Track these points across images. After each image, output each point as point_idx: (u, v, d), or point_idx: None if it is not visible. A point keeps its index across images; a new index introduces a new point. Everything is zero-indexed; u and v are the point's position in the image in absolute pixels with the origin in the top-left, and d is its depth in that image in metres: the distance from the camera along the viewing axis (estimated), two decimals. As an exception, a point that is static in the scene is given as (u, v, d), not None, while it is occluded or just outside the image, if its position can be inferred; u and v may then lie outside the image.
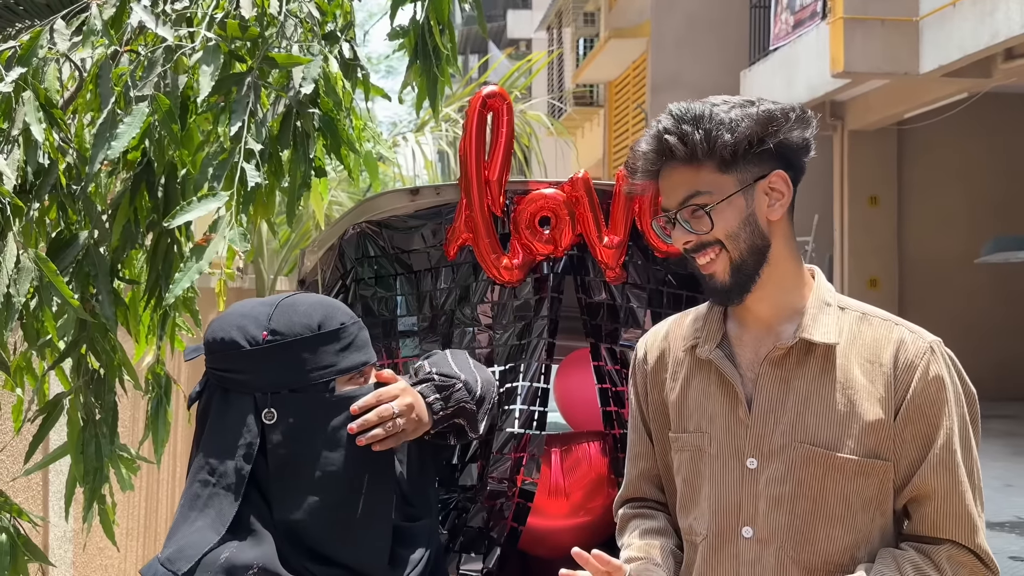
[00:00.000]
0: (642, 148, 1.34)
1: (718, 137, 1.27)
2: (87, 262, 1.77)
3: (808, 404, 1.30)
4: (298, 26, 1.80)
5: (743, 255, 1.30)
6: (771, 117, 1.29)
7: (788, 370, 1.32)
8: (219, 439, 1.22)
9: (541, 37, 20.75)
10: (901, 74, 8.13)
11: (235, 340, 1.22)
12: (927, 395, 1.29)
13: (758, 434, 1.32)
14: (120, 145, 1.59)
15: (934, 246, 10.54)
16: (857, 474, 1.28)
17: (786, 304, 1.34)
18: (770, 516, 1.30)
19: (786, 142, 1.30)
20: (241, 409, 1.21)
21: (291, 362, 1.21)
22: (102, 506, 1.91)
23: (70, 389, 1.87)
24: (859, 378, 1.30)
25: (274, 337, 1.20)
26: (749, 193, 1.30)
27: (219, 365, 1.24)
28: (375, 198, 1.94)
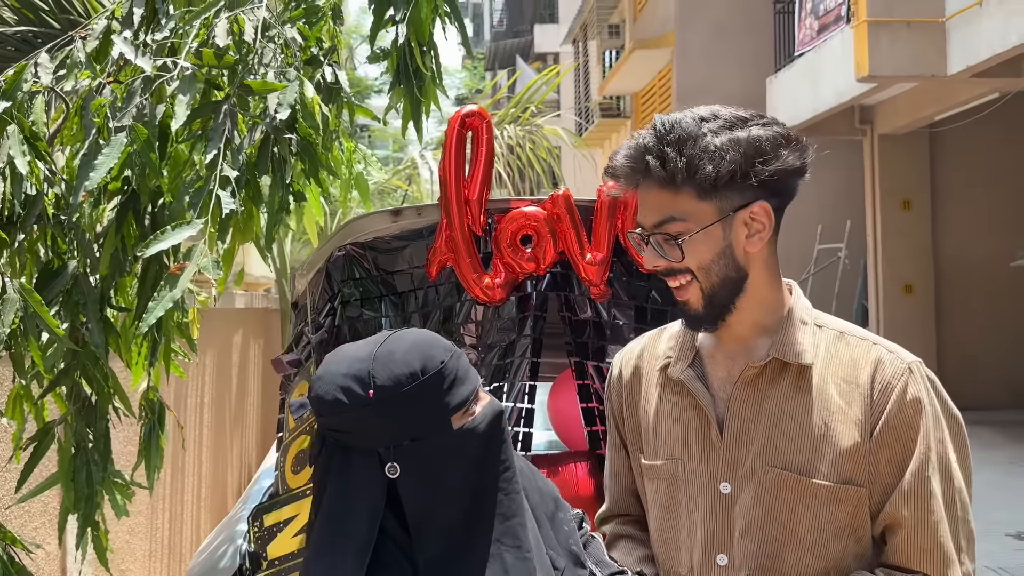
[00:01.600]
0: (619, 160, 1.27)
1: (699, 167, 1.20)
2: (76, 291, 1.79)
3: (780, 426, 1.25)
4: (278, 52, 1.82)
5: (715, 287, 1.25)
6: (759, 149, 1.21)
7: (761, 390, 1.27)
8: (345, 499, 1.17)
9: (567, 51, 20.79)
10: (929, 76, 7.98)
11: (342, 401, 1.17)
12: (903, 417, 1.22)
13: (731, 458, 1.26)
14: (98, 175, 1.61)
15: (970, 249, 10.31)
16: (830, 500, 1.22)
17: (763, 323, 1.29)
18: (741, 543, 1.25)
19: (773, 175, 1.22)
20: (364, 467, 1.18)
21: (403, 414, 1.17)
22: (95, 533, 1.93)
23: (61, 417, 1.89)
24: (835, 399, 1.24)
25: (380, 394, 1.16)
26: (728, 224, 1.23)
27: (332, 426, 1.19)
28: (358, 220, 1.95)
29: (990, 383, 9.93)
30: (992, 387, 9.91)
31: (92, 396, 1.90)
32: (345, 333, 1.95)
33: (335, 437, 1.20)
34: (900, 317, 10.22)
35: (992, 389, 9.91)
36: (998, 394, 9.86)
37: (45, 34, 3.04)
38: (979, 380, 9.95)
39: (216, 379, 5.60)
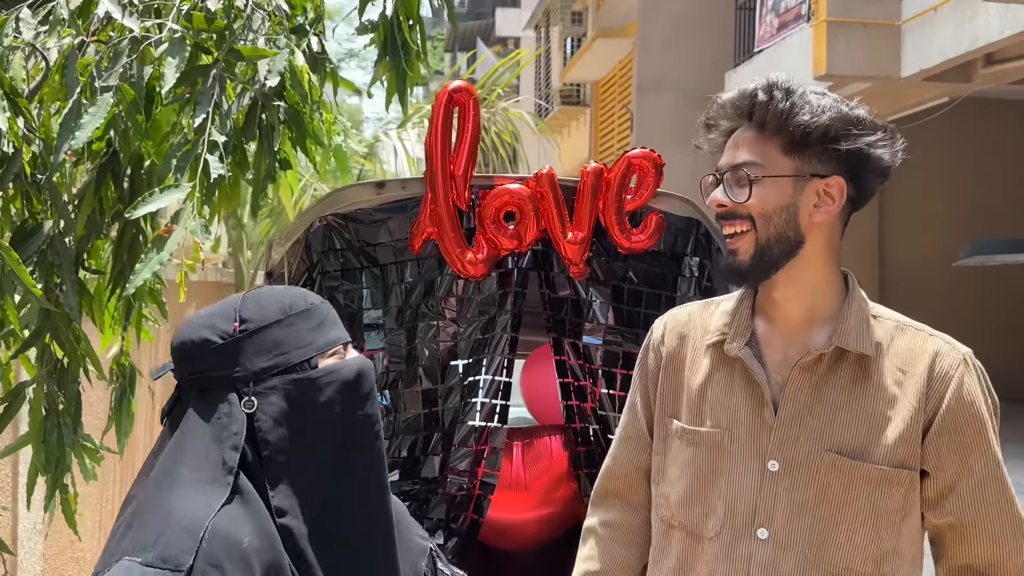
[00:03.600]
0: (727, 98, 1.30)
1: (798, 113, 1.23)
2: (51, 251, 1.77)
3: (837, 413, 1.28)
4: (266, 19, 1.81)
5: (770, 240, 1.26)
6: (857, 120, 1.25)
7: (819, 376, 1.29)
8: (199, 436, 1.14)
9: (529, 36, 20.76)
10: (883, 78, 8.18)
11: (206, 338, 1.16)
12: (961, 407, 1.27)
13: (782, 438, 1.29)
14: (84, 135, 1.59)
15: (914, 249, 10.62)
16: (882, 483, 1.26)
17: (819, 308, 1.31)
18: (792, 521, 1.28)
19: (860, 152, 1.26)
20: (223, 403, 1.15)
21: (268, 347, 1.16)
22: (64, 496, 1.91)
23: (33, 378, 1.86)
24: (891, 388, 1.28)
25: (246, 325, 1.16)
26: (801, 184, 1.26)
27: (194, 368, 1.18)
28: (341, 191, 1.95)
29: (928, 378, 10.26)
30: (929, 382, 10.25)
31: (64, 359, 1.88)
32: (324, 304, 1.96)
33: (195, 381, 1.18)
34: (845, 312, 10.48)
35: (929, 384, 10.24)
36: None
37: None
38: (917, 375, 10.29)
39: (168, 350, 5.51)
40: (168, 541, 1.04)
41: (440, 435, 1.85)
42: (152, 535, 1.06)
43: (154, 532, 1.06)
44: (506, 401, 1.80)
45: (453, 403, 1.85)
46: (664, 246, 1.88)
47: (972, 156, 10.65)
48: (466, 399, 1.81)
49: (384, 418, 1.94)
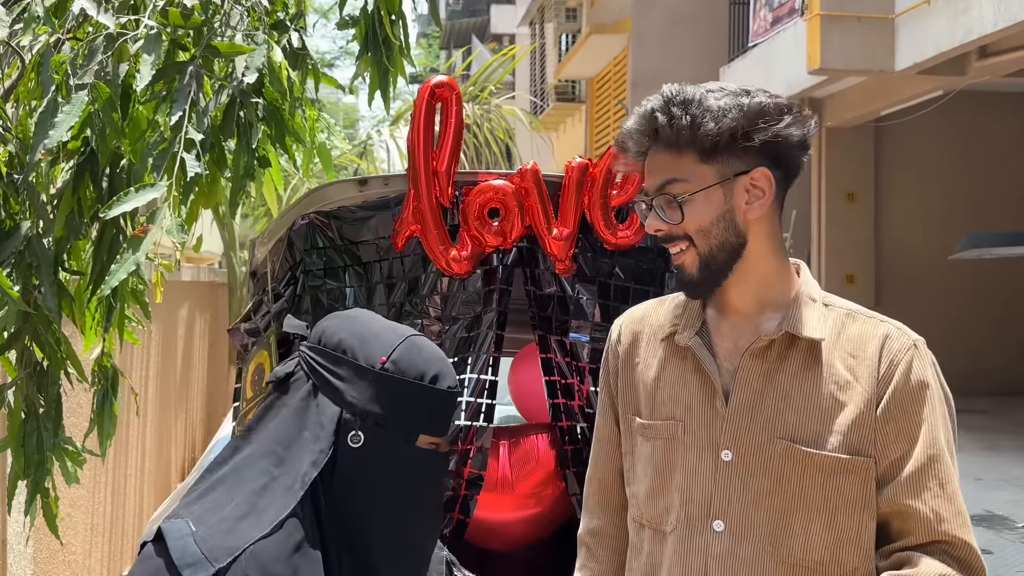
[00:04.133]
0: (629, 125, 1.30)
1: (702, 124, 1.23)
2: (29, 252, 1.74)
3: (789, 400, 1.27)
4: (244, 15, 1.78)
5: (712, 251, 1.27)
6: (762, 111, 1.24)
7: (769, 363, 1.28)
8: (294, 433, 1.14)
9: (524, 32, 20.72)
10: (877, 71, 8.17)
11: (353, 350, 1.16)
12: (908, 391, 1.25)
13: (734, 427, 1.28)
14: (58, 134, 1.57)
15: (910, 242, 10.61)
16: (838, 471, 1.25)
17: (768, 297, 1.31)
18: (747, 512, 1.27)
19: (775, 139, 1.25)
20: (326, 415, 1.15)
21: (395, 399, 1.16)
22: (45, 500, 1.89)
23: (12, 381, 1.84)
24: (842, 373, 1.27)
25: (391, 368, 1.15)
26: (729, 187, 1.26)
27: (325, 362, 1.17)
28: (323, 188, 1.93)
29: (924, 372, 10.26)
30: (926, 376, 10.25)
31: (44, 361, 1.85)
32: (307, 303, 1.94)
33: (316, 372, 1.17)
34: (841, 306, 10.48)
35: (926, 378, 10.24)
36: (932, 383, 10.20)
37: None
38: (914, 369, 10.28)
39: (161, 352, 5.49)
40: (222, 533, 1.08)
41: (425, 435, 1.83)
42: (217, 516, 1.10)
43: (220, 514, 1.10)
44: (492, 400, 1.77)
45: (438, 402, 1.83)
46: (651, 241, 1.85)
47: (967, 149, 10.64)
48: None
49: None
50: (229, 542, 1.07)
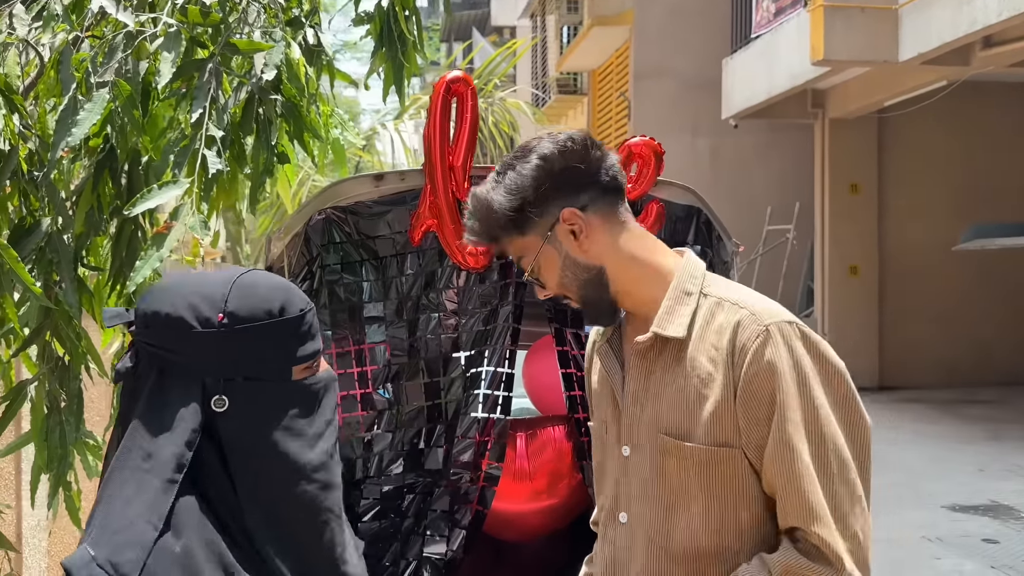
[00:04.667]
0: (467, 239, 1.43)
1: (492, 221, 1.34)
2: (50, 249, 1.76)
3: (663, 395, 1.32)
4: (261, 12, 1.80)
5: (581, 293, 1.36)
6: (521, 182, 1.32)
7: (651, 361, 1.35)
8: (156, 422, 1.08)
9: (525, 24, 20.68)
10: (880, 62, 8.15)
11: (184, 319, 1.08)
12: (759, 379, 1.25)
13: (628, 423, 1.36)
14: (80, 131, 1.58)
15: (914, 234, 10.61)
16: (709, 463, 1.28)
17: (649, 299, 1.35)
18: (640, 504, 1.34)
19: (550, 191, 1.32)
20: (183, 393, 1.09)
21: (248, 348, 1.10)
22: (68, 493, 1.91)
23: (34, 376, 1.86)
24: (705, 366, 1.30)
25: (232, 321, 1.09)
26: (553, 241, 1.34)
27: (159, 343, 1.10)
28: (340, 183, 1.94)
29: (929, 362, 10.28)
30: (931, 367, 10.27)
31: (65, 356, 1.87)
32: (324, 297, 1.96)
33: (156, 356, 1.10)
34: (845, 298, 10.49)
35: (931, 368, 10.26)
36: (937, 373, 10.22)
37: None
38: (919, 360, 10.30)
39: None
40: (119, 546, 1.03)
41: (443, 427, 1.85)
42: (108, 531, 1.04)
43: (110, 528, 1.05)
44: (509, 392, 1.79)
45: (455, 395, 1.85)
46: (665, 235, 1.87)
47: (971, 140, 10.63)
48: (469, 391, 1.81)
49: (387, 411, 1.94)
50: (129, 555, 1.02)
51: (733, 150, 12.02)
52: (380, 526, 1.85)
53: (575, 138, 1.34)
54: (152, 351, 1.10)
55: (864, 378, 10.32)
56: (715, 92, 11.00)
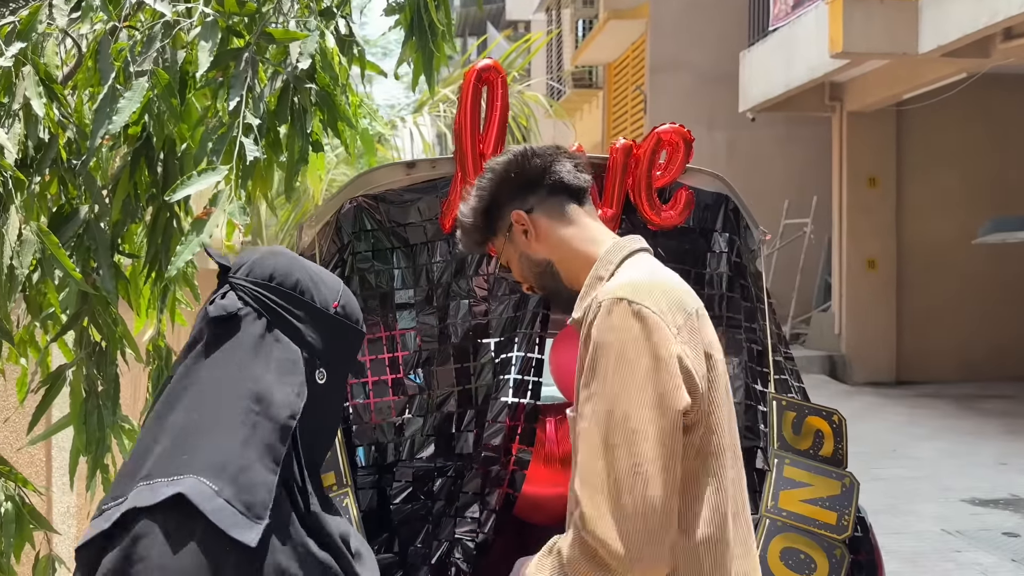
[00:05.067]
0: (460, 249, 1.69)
1: (467, 228, 1.56)
2: (88, 236, 1.80)
3: (572, 372, 1.47)
4: (295, 1, 1.82)
5: (539, 284, 1.55)
6: (480, 195, 1.54)
7: (577, 343, 1.46)
8: (265, 369, 1.10)
9: (540, 18, 20.66)
10: (900, 54, 8.11)
11: (311, 292, 1.17)
12: (584, 349, 1.36)
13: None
14: (121, 120, 1.61)
15: (932, 227, 10.55)
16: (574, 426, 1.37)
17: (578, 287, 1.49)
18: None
19: (498, 197, 1.53)
20: (290, 353, 1.13)
21: (341, 341, 1.20)
22: (105, 476, 1.95)
23: (72, 361, 1.90)
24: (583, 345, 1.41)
25: (342, 313, 1.19)
26: (510, 240, 1.54)
27: (282, 302, 1.15)
28: (371, 172, 1.97)
29: (947, 357, 10.23)
30: (948, 361, 10.22)
31: (102, 342, 1.91)
32: (355, 284, 1.98)
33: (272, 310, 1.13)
34: (863, 292, 10.45)
35: (948, 363, 10.21)
36: (954, 368, 10.17)
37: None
38: (936, 354, 10.25)
39: (190, 338, 5.56)
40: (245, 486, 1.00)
41: (473, 412, 1.87)
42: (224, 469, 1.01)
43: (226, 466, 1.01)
44: (539, 378, 1.82)
45: (485, 380, 1.88)
46: (693, 222, 1.89)
47: (990, 133, 10.55)
48: (498, 376, 1.83)
49: (418, 396, 1.97)
50: (261, 496, 1.01)
51: (750, 143, 11.98)
52: (412, 508, 1.88)
53: (518, 152, 1.54)
54: (268, 306, 1.14)
55: (882, 372, 10.28)
56: (731, 85, 10.97)
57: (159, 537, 0.96)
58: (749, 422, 1.86)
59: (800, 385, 1.97)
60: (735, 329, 1.86)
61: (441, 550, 1.80)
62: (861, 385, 10.04)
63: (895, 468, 6.58)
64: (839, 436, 1.84)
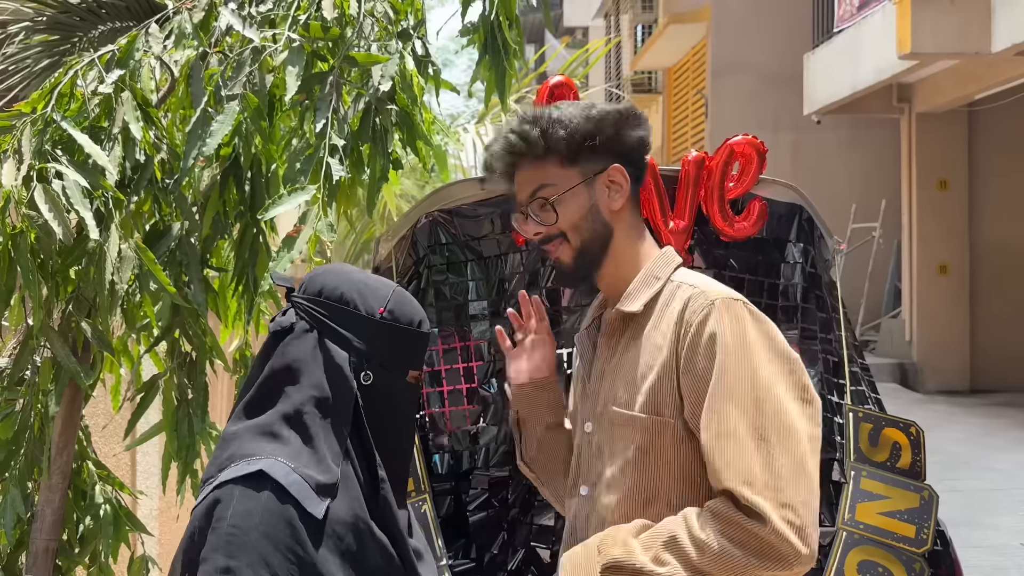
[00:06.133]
0: (492, 148, 1.49)
1: (553, 133, 1.41)
2: (180, 251, 1.89)
3: (620, 369, 1.42)
4: (374, 25, 1.89)
5: (585, 243, 1.43)
6: (604, 116, 1.43)
7: (616, 339, 1.46)
8: (319, 376, 1.26)
9: (598, 24, 20.66)
10: (972, 54, 7.90)
11: (355, 302, 1.29)
12: (699, 347, 1.33)
13: (592, 400, 1.46)
14: (214, 142, 1.70)
15: (1007, 230, 10.22)
16: (640, 430, 1.37)
17: (623, 279, 1.46)
18: (596, 473, 1.43)
19: (620, 139, 1.43)
20: (339, 359, 1.27)
21: (393, 343, 1.31)
22: (194, 480, 2.04)
23: (165, 371, 1.99)
24: (656, 341, 1.39)
25: (389, 316, 1.30)
26: (591, 186, 1.42)
27: (330, 314, 1.29)
28: (447, 187, 2.02)
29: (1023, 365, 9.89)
30: (1025, 368, 9.89)
31: (192, 352, 2.00)
32: (431, 296, 2.04)
33: (322, 323, 1.28)
34: (934, 298, 10.18)
35: (1025, 370, 9.89)
36: (1031, 376, 9.84)
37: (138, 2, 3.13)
38: (1012, 362, 9.92)
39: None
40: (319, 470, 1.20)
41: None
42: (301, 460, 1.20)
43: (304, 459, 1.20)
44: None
45: (559, 390, 1.91)
46: (767, 233, 1.89)
47: (1068, 133, 10.19)
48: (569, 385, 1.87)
49: (492, 405, 2.01)
50: (330, 478, 1.20)
51: (815, 146, 11.78)
52: (488, 515, 1.93)
53: (642, 114, 1.49)
54: (317, 318, 1.29)
55: (955, 381, 9.99)
56: (795, 87, 10.81)
57: (236, 493, 1.17)
58: (825, 433, 1.86)
59: (876, 396, 1.95)
60: (810, 340, 1.86)
61: (517, 558, 1.84)
62: (933, 393, 9.77)
63: (972, 480, 6.39)
64: (917, 448, 1.82)
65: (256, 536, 1.13)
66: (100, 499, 2.00)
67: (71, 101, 1.81)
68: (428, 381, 2.02)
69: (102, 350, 1.87)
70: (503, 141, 1.46)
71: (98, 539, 1.98)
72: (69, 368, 1.80)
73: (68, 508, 1.93)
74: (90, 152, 1.69)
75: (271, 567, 1.13)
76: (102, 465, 2.07)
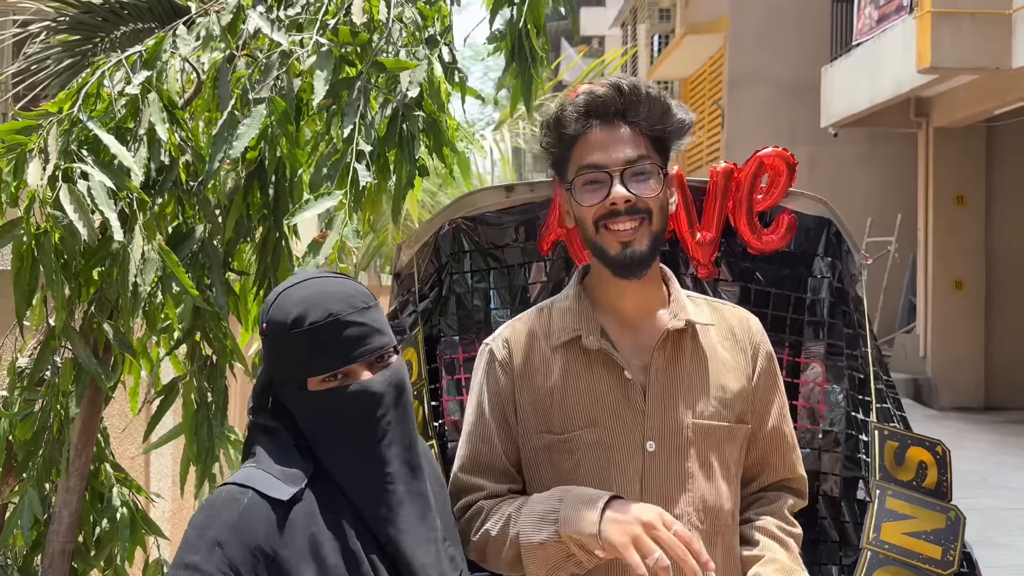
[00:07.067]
0: (601, 92, 1.37)
1: (665, 114, 1.38)
2: (202, 254, 1.88)
3: (692, 383, 1.43)
4: (403, 31, 1.88)
5: (659, 231, 1.39)
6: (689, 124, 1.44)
7: (670, 354, 1.43)
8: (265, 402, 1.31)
9: (615, 34, 20.68)
10: (992, 69, 7.87)
11: (264, 319, 1.27)
12: (770, 366, 1.52)
13: (657, 418, 1.40)
14: (241, 145, 1.69)
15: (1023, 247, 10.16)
16: (730, 438, 1.45)
17: (656, 294, 1.47)
18: (669, 491, 1.39)
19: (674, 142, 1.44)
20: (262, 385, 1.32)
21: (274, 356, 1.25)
22: (212, 484, 2.03)
23: (184, 374, 1.98)
24: (724, 355, 1.47)
25: (267, 329, 1.23)
26: (664, 184, 1.40)
27: None
28: (471, 194, 2.01)
29: (1039, 382, 9.81)
30: (1041, 386, 9.80)
31: (212, 356, 1.99)
32: (452, 304, 2.03)
33: None
34: (949, 313, 10.11)
35: (1041, 388, 9.80)
36: (1047, 393, 9.75)
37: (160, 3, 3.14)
38: (1028, 378, 9.84)
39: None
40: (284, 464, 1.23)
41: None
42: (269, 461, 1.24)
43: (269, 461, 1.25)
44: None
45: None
46: (794, 246, 1.87)
47: (1088, 149, 10.12)
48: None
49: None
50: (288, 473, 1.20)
51: (831, 159, 11.74)
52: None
53: None
54: None
55: (969, 397, 9.92)
56: (812, 99, 10.78)
57: (223, 490, 1.22)
58: (850, 451, 1.83)
59: (902, 414, 1.93)
60: (836, 356, 1.84)
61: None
62: (947, 410, 9.70)
63: (988, 499, 6.33)
64: (943, 468, 1.79)
65: (215, 524, 1.17)
66: (117, 502, 1.99)
67: (97, 101, 1.80)
68: (448, 389, 2.00)
69: (123, 352, 1.86)
70: (615, 93, 1.36)
71: (114, 542, 1.97)
72: (90, 369, 1.79)
73: (85, 510, 1.92)
74: (116, 153, 1.68)
75: (224, 547, 1.14)
76: (119, 467, 2.06)
